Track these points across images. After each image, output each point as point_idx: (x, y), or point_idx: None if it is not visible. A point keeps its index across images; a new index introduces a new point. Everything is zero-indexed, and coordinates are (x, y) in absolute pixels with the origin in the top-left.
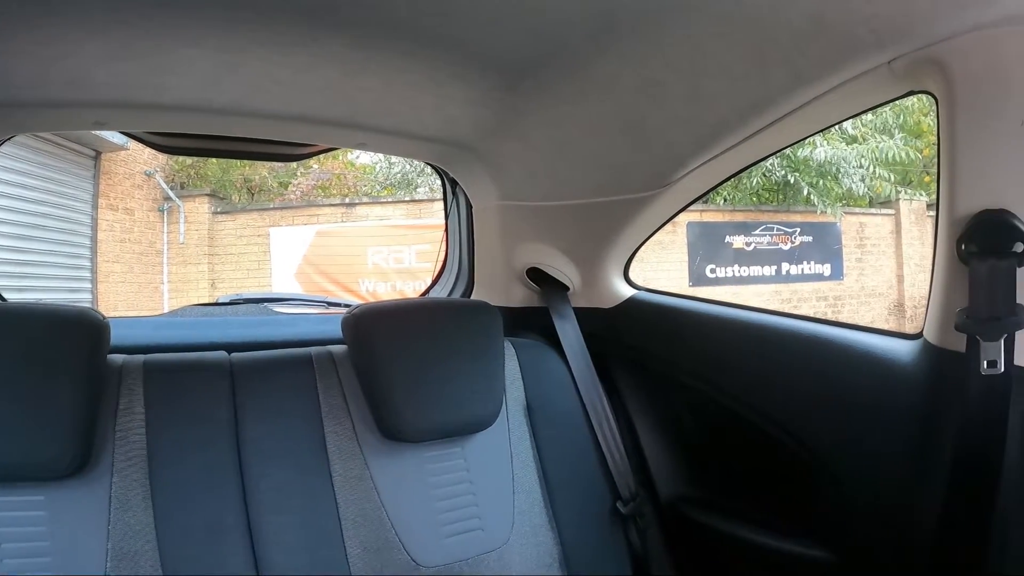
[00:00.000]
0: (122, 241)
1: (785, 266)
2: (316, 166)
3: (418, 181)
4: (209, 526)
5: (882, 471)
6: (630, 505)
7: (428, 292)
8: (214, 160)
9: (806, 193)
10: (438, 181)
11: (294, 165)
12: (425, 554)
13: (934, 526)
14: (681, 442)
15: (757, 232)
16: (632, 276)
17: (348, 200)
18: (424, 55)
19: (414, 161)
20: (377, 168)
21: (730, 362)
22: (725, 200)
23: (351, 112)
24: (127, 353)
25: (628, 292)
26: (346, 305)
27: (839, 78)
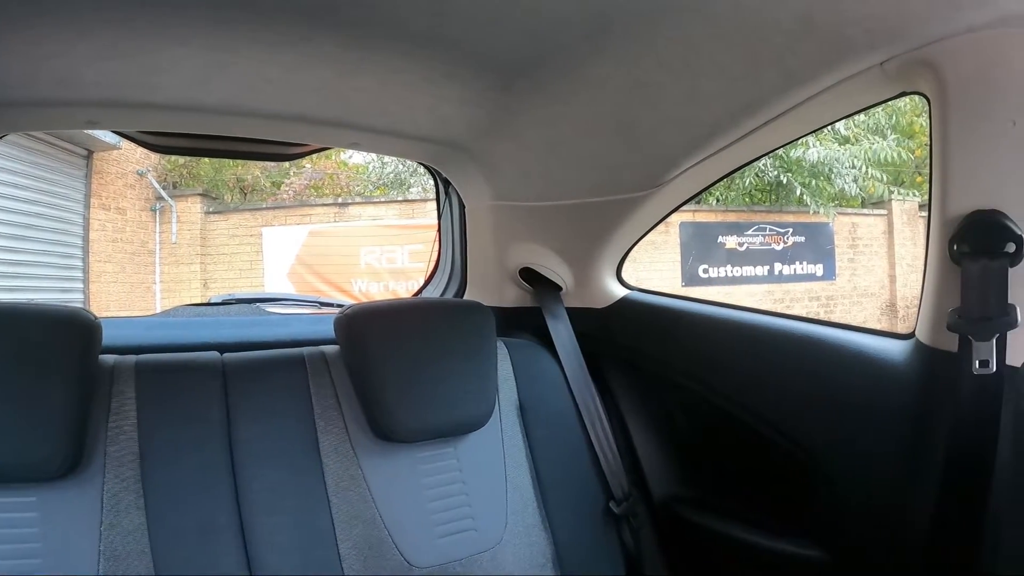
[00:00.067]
0: (114, 241)
1: (778, 266)
2: (309, 166)
3: (411, 181)
4: (202, 527)
5: (875, 470)
6: (623, 505)
7: (421, 292)
8: (206, 160)
9: (799, 193)
10: (431, 181)
11: (287, 165)
12: (418, 554)
13: (927, 525)
14: (674, 442)
15: (750, 232)
16: (625, 276)
17: (341, 200)
18: (418, 55)
19: (407, 161)
20: (370, 168)
21: (723, 362)
22: (718, 200)
23: (344, 112)
24: (119, 353)
25: (621, 292)
26: (339, 305)
27: (832, 79)
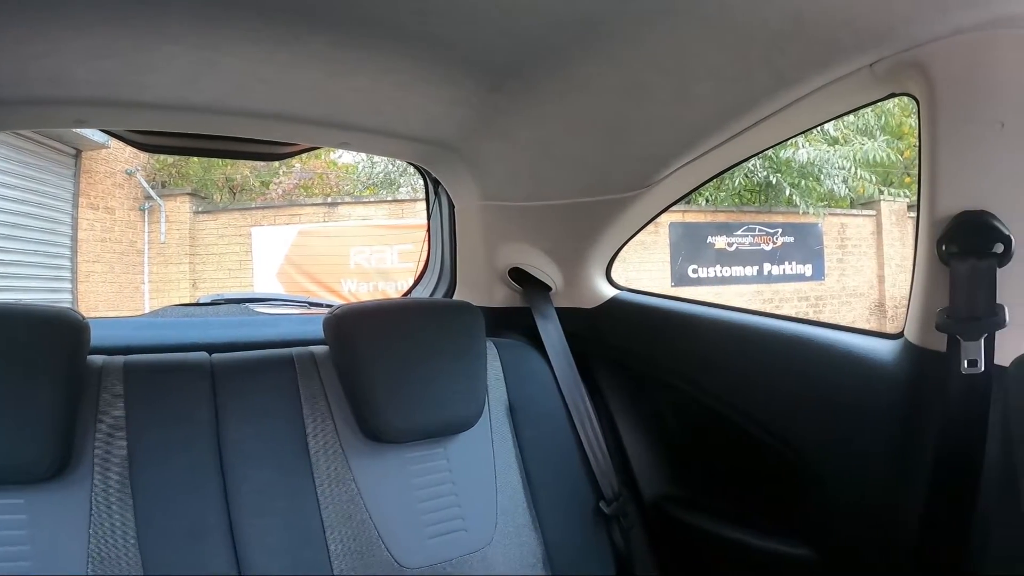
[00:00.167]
0: (103, 240)
1: (767, 266)
2: (298, 165)
3: (400, 181)
4: (191, 528)
5: (864, 470)
6: (613, 505)
7: (410, 292)
8: (196, 159)
9: (788, 194)
10: (420, 181)
11: (276, 164)
12: (408, 555)
13: (916, 524)
14: (664, 442)
15: (739, 233)
16: (614, 276)
17: (330, 200)
18: (408, 55)
19: (397, 161)
20: (359, 168)
21: (712, 362)
22: (707, 201)
23: (334, 111)
24: (107, 354)
25: (610, 292)
26: (328, 305)
27: (821, 80)
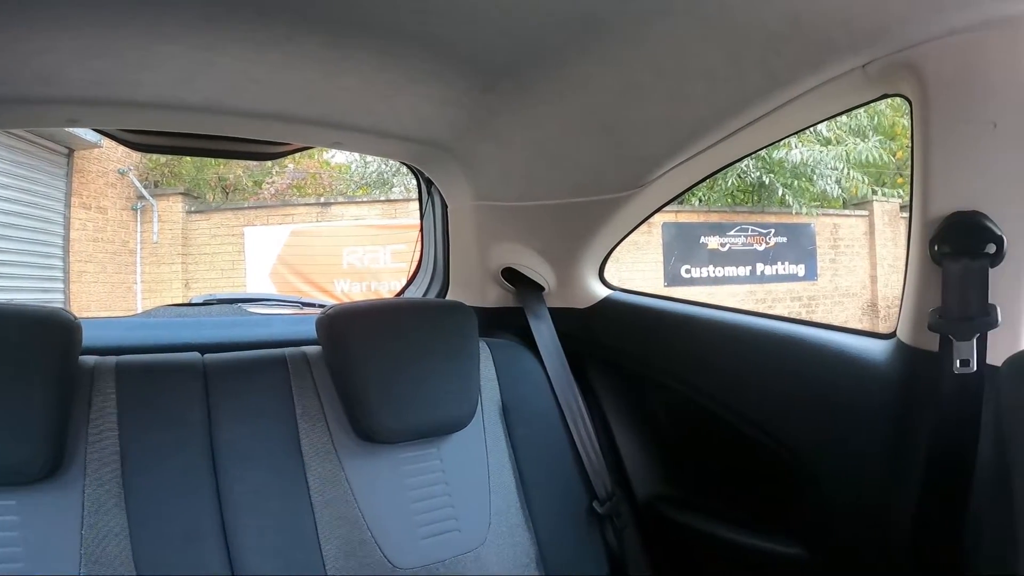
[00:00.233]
0: (95, 240)
1: (760, 267)
2: (291, 165)
3: (393, 181)
4: (184, 530)
5: (857, 469)
6: (606, 505)
7: (403, 292)
8: (188, 159)
9: (781, 194)
10: (413, 181)
11: (269, 164)
12: (402, 555)
13: (909, 524)
14: (657, 442)
15: (732, 233)
16: (607, 276)
17: (323, 200)
18: (401, 54)
19: (389, 161)
20: (352, 168)
21: (706, 362)
22: (700, 201)
23: (327, 111)
24: (99, 354)
25: (603, 292)
26: (320, 305)
27: (814, 81)
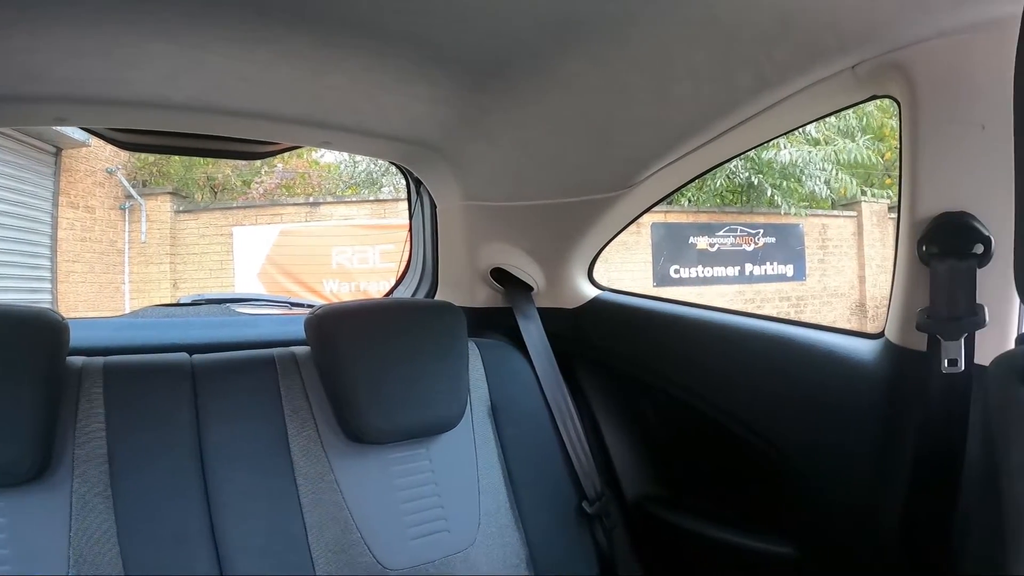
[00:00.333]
0: (83, 240)
1: (748, 267)
2: (280, 165)
3: (382, 181)
4: (172, 531)
5: (846, 469)
6: (596, 505)
7: (392, 292)
8: (177, 158)
9: (769, 195)
10: (403, 181)
11: (258, 163)
12: (391, 556)
13: (897, 523)
14: (646, 442)
15: (721, 233)
16: (596, 276)
17: (312, 199)
18: (390, 54)
19: (379, 160)
20: (342, 167)
21: (694, 362)
22: (689, 201)
23: (316, 110)
24: (87, 355)
25: (592, 292)
26: (309, 305)
27: (804, 82)
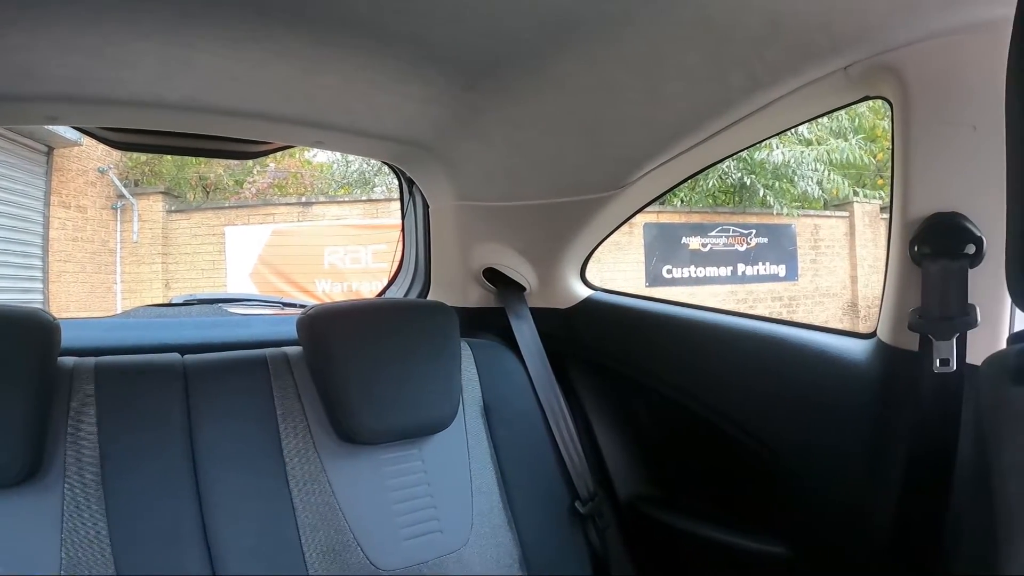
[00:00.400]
0: (74, 240)
1: (741, 267)
2: (272, 164)
3: (375, 180)
4: (165, 532)
5: (838, 468)
6: (589, 505)
7: (384, 292)
8: (169, 157)
9: (762, 195)
10: (395, 180)
11: (250, 163)
12: (384, 557)
13: (890, 522)
14: (639, 441)
15: (713, 233)
16: (588, 277)
17: (304, 199)
18: (383, 53)
19: (371, 160)
20: (334, 167)
21: (687, 362)
22: (682, 202)
23: (308, 110)
24: (78, 355)
25: (584, 292)
26: (301, 306)
27: (796, 83)
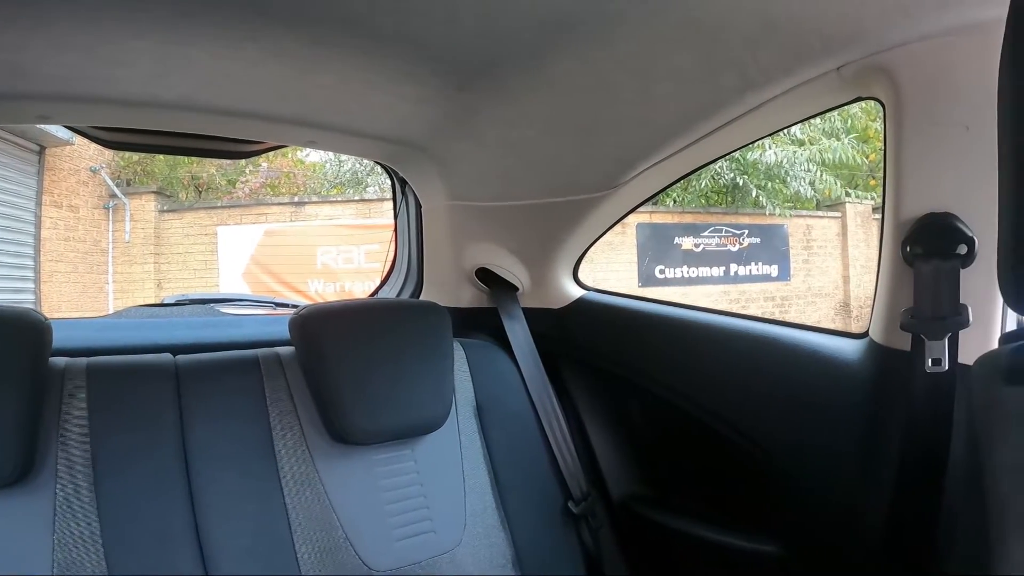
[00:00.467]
0: (66, 239)
1: (733, 267)
2: (265, 164)
3: (368, 180)
4: (157, 533)
5: (831, 468)
6: (582, 505)
7: (377, 292)
8: (161, 157)
9: (755, 195)
10: (388, 180)
11: (243, 163)
12: (376, 557)
13: (882, 522)
14: (632, 441)
15: (706, 234)
16: (581, 277)
17: (297, 199)
18: (377, 53)
19: (364, 160)
20: (327, 167)
21: (680, 362)
22: (675, 202)
23: (302, 109)
24: (70, 356)
25: (577, 292)
26: (294, 306)
27: (789, 83)
